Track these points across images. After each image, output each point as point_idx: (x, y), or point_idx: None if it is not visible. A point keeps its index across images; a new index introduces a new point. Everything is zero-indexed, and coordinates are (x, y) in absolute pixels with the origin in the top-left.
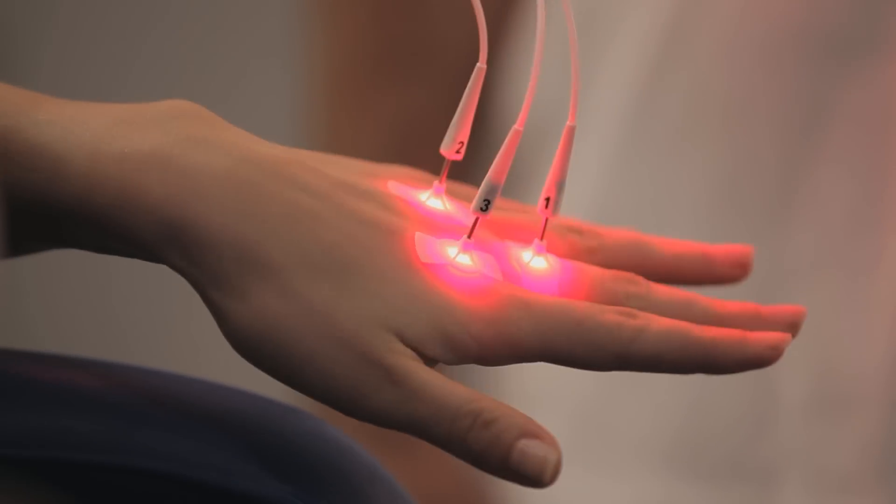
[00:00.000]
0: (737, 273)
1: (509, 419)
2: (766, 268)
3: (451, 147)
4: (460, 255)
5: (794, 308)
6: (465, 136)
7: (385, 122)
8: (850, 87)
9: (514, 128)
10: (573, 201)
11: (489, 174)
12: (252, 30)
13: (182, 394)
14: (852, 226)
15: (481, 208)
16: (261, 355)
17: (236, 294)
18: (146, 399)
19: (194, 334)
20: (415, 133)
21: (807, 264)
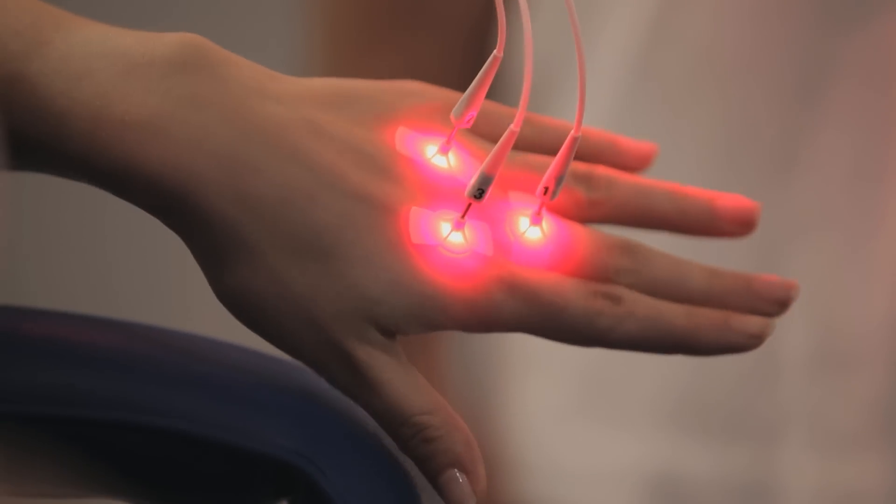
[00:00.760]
0: (741, 230)
1: (448, 443)
2: (767, 227)
3: (462, 117)
4: (452, 233)
5: (787, 282)
6: (475, 111)
7: (386, 76)
8: (852, 44)
9: (511, 128)
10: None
11: (484, 166)
12: None
13: (185, 350)
14: (854, 184)
15: (475, 195)
16: (242, 318)
17: (223, 266)
18: (149, 355)
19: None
20: None
21: (808, 223)
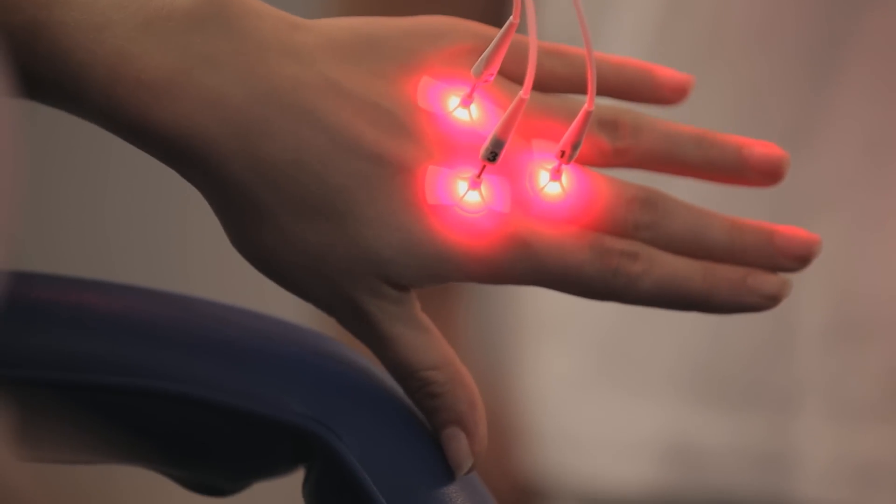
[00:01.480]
0: (768, 180)
1: (451, 400)
2: (783, 199)
3: (482, 77)
4: (469, 192)
5: (809, 237)
6: (495, 69)
7: None
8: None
9: (520, 96)
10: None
11: (496, 130)
12: None
13: (202, 317)
14: (870, 156)
15: (488, 158)
16: (261, 271)
17: (237, 225)
18: (167, 322)
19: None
20: None
21: (824, 195)
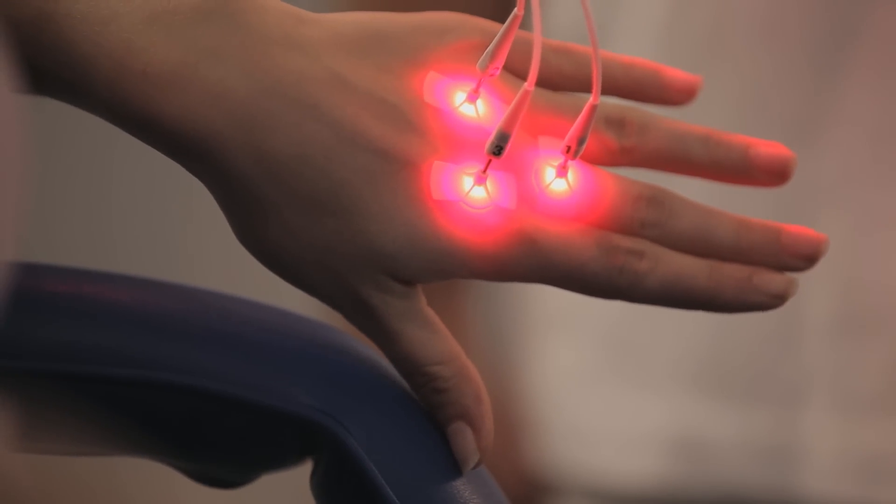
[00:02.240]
0: (775, 181)
1: (457, 395)
2: (790, 191)
3: (487, 70)
4: (474, 188)
5: (816, 237)
6: (501, 62)
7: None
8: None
9: (525, 88)
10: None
11: (501, 123)
12: None
13: (211, 308)
14: (878, 148)
15: (494, 152)
16: (268, 266)
17: (242, 220)
18: (175, 313)
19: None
20: None
21: (834, 182)
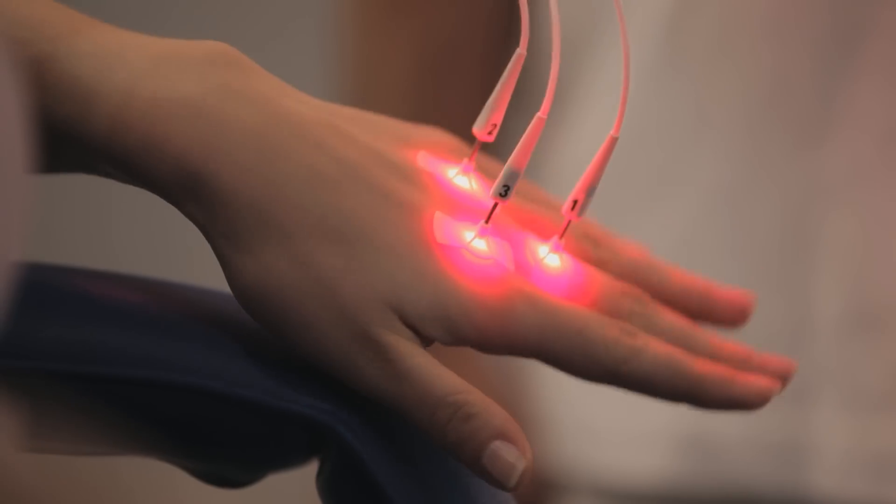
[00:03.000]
0: (736, 319)
1: (488, 417)
2: (801, 187)
3: (484, 128)
4: (476, 239)
5: (785, 361)
6: (498, 119)
7: (414, 45)
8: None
9: (538, 115)
10: (612, 118)
11: (510, 160)
12: None
13: (219, 309)
14: (888, 144)
15: (500, 194)
16: (261, 311)
17: (246, 250)
18: (183, 314)
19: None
20: (444, 56)
21: (843, 180)
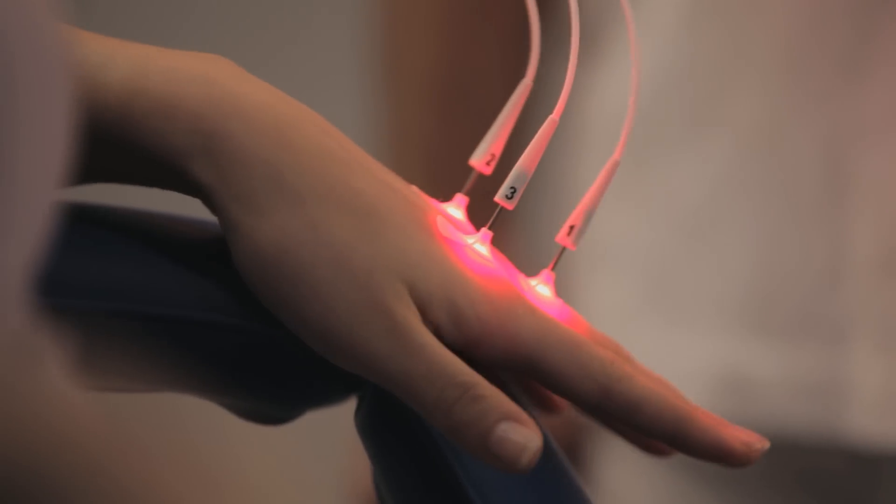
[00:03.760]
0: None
1: (498, 399)
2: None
3: (483, 158)
4: (478, 243)
5: (756, 437)
6: (498, 150)
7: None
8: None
9: (551, 118)
10: (648, 59)
11: (520, 161)
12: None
13: None
14: None
15: (507, 196)
16: (267, 278)
17: (259, 212)
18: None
19: None
20: (473, 5)
21: (882, 119)
